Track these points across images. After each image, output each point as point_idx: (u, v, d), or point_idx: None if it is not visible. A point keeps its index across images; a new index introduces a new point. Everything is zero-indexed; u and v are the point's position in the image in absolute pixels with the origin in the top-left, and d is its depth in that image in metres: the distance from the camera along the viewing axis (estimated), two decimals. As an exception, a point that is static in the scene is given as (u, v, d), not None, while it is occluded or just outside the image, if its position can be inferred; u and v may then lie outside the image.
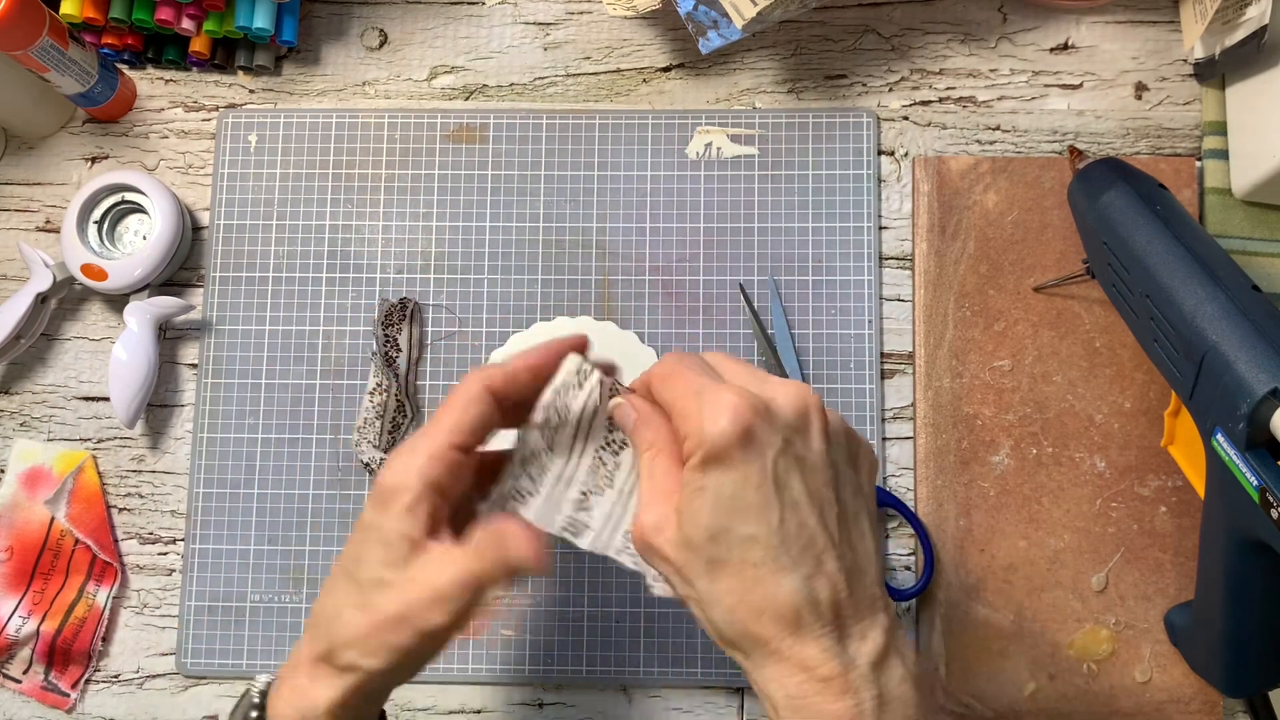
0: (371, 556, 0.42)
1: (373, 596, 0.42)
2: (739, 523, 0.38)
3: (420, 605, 0.41)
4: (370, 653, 0.42)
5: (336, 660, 0.43)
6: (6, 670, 0.62)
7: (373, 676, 0.43)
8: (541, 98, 0.67)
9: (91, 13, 0.64)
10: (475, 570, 0.42)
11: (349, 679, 0.43)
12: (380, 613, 0.42)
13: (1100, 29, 0.66)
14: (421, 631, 0.41)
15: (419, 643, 0.42)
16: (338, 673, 0.43)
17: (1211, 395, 0.48)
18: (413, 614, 0.41)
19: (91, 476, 0.63)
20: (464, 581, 0.42)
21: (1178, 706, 0.59)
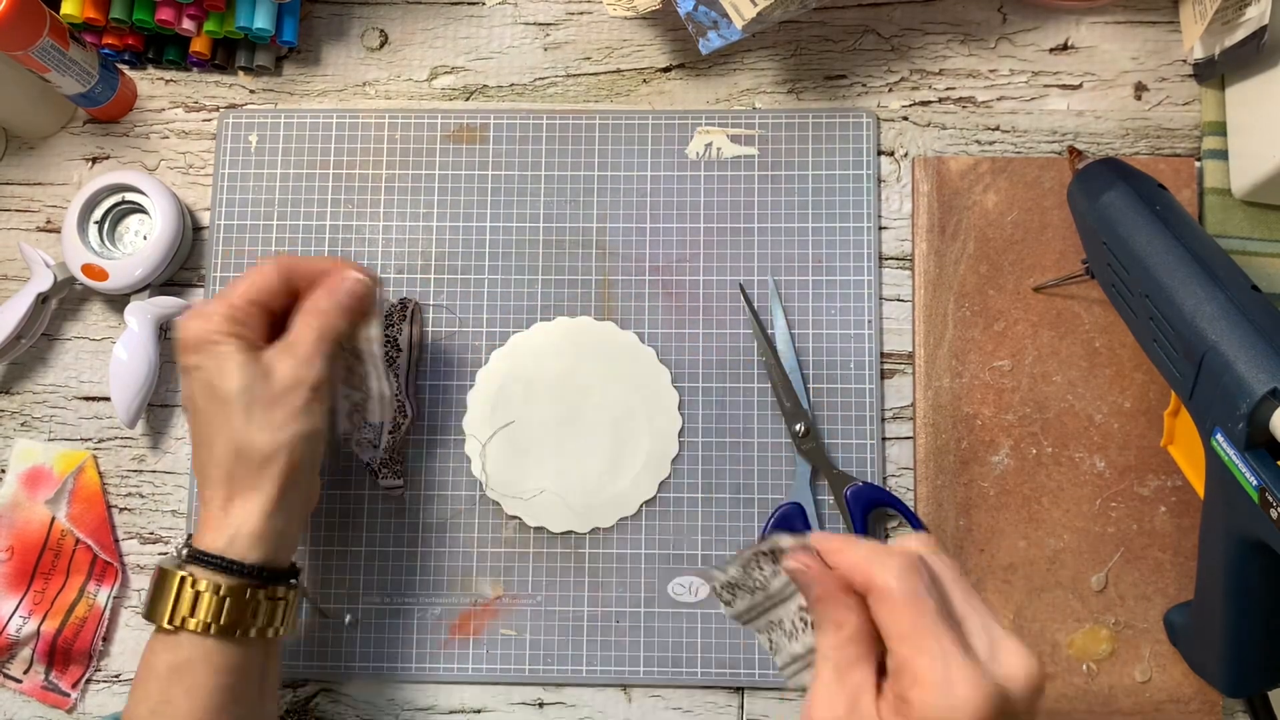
0: (227, 368, 0.49)
1: (252, 393, 0.49)
2: None
3: (299, 365, 0.50)
4: (283, 424, 0.49)
5: (254, 455, 0.49)
6: (7, 670, 0.62)
7: (294, 449, 0.49)
8: (542, 98, 0.67)
9: (92, 13, 0.64)
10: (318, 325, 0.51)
11: (276, 465, 0.49)
12: (269, 394, 0.49)
13: (1100, 29, 0.66)
14: (312, 385, 0.50)
15: (312, 400, 0.50)
16: (262, 466, 0.49)
17: (1211, 395, 0.48)
18: (299, 375, 0.50)
19: (92, 476, 0.63)
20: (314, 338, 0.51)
21: (1177, 706, 0.59)
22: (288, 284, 0.52)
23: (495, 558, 0.62)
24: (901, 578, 0.37)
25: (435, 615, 0.61)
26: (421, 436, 0.63)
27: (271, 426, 0.49)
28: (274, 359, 0.50)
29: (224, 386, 0.49)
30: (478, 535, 0.62)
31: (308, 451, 0.50)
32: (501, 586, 0.62)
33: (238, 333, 0.50)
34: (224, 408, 0.49)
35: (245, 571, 0.48)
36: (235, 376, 0.49)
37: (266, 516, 0.49)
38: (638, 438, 0.62)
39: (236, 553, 0.49)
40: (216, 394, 0.49)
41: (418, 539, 0.62)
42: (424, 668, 0.61)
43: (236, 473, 0.49)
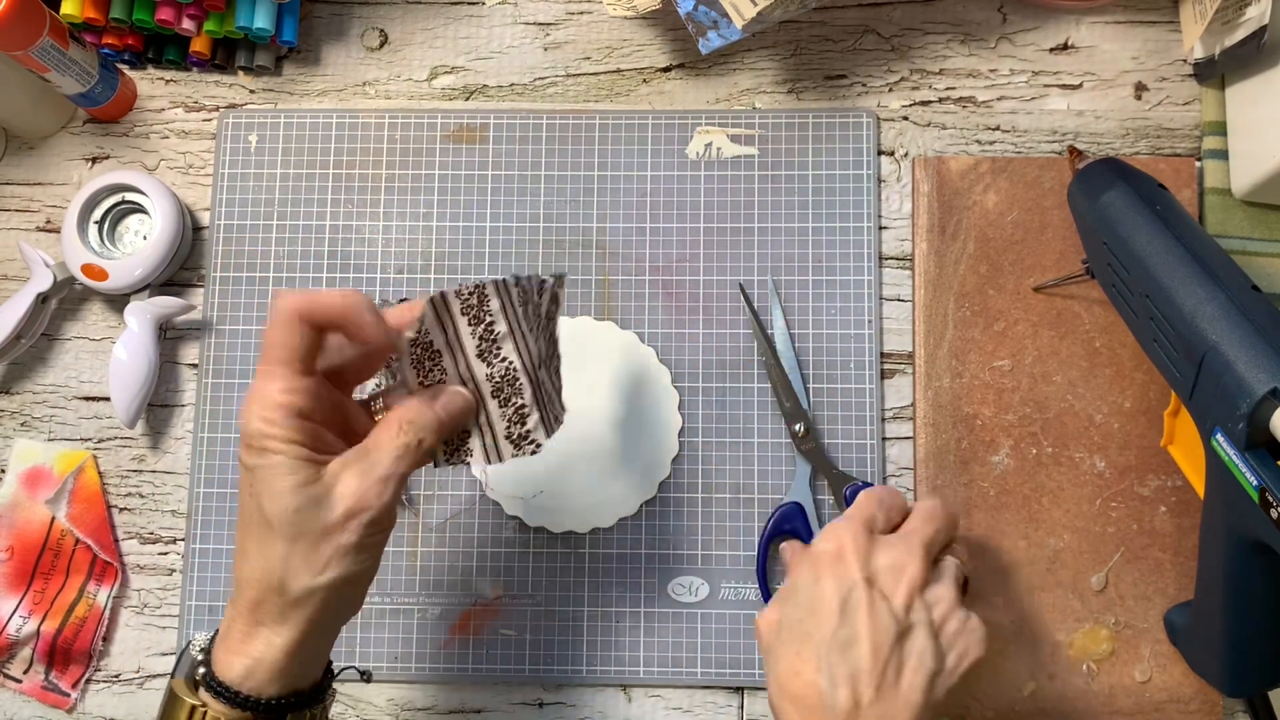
0: (280, 489, 0.42)
1: (300, 521, 0.42)
2: (806, 618, 0.47)
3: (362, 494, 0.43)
4: (323, 568, 0.43)
5: (289, 593, 0.43)
6: (7, 670, 0.62)
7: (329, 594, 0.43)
8: (541, 98, 0.67)
9: (92, 13, 0.64)
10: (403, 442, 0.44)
11: (308, 607, 0.43)
12: (319, 526, 0.43)
13: (1100, 29, 0.66)
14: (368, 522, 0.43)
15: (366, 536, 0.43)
16: (293, 606, 0.43)
17: (1211, 395, 0.48)
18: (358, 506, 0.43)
19: (92, 476, 0.63)
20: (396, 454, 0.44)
21: (1177, 706, 0.59)
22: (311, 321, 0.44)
23: (495, 558, 0.62)
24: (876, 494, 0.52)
25: (435, 615, 0.61)
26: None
27: (312, 568, 0.43)
28: (338, 476, 0.43)
29: (270, 509, 0.42)
30: (478, 535, 0.62)
31: (347, 593, 0.45)
32: (501, 586, 0.62)
33: (299, 434, 0.43)
34: (267, 531, 0.43)
35: (262, 708, 0.44)
36: (285, 499, 0.42)
37: (290, 654, 0.44)
38: (638, 437, 0.62)
39: (253, 686, 0.43)
40: (262, 512, 0.43)
41: (418, 539, 0.62)
42: (424, 668, 0.61)
43: (266, 602, 0.43)
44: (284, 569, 0.43)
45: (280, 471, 0.42)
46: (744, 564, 0.61)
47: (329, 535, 0.43)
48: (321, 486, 0.43)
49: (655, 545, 0.62)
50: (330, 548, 0.43)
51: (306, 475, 0.43)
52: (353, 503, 0.43)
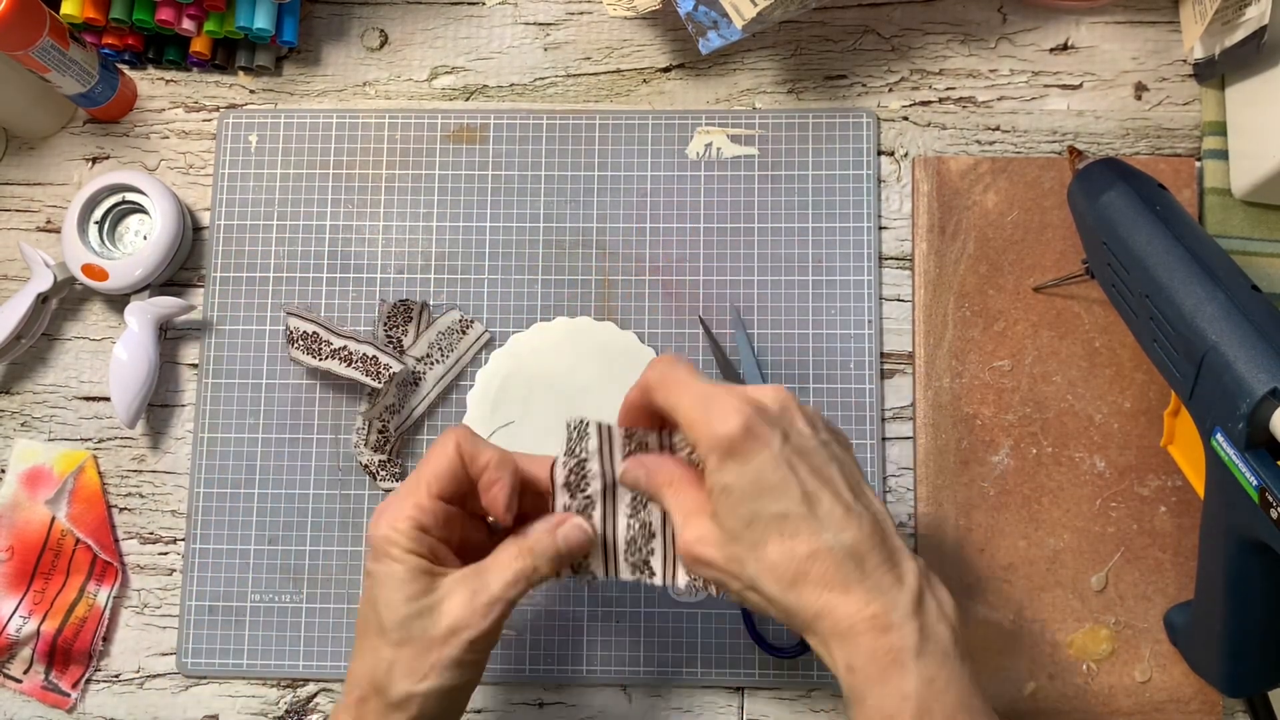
0: (393, 597, 0.45)
1: (409, 629, 0.45)
2: (767, 503, 0.42)
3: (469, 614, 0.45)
4: (423, 677, 0.45)
5: (389, 697, 0.45)
6: (7, 670, 0.62)
7: (427, 702, 0.45)
8: (541, 98, 0.67)
9: (92, 13, 0.64)
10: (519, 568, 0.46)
11: (406, 712, 0.45)
12: (424, 637, 0.45)
13: (1100, 29, 0.66)
14: (470, 640, 0.45)
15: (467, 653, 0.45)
16: (393, 709, 0.45)
17: (1211, 395, 0.48)
18: (462, 624, 0.45)
19: (92, 476, 0.63)
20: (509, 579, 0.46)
21: (1177, 706, 0.59)
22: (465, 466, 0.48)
23: (495, 558, 0.62)
24: (653, 366, 0.46)
25: (435, 615, 0.61)
26: (421, 437, 0.63)
27: (414, 675, 0.45)
28: (451, 590, 0.46)
29: (384, 614, 0.45)
30: (478, 535, 0.62)
31: (448, 703, 0.46)
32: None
33: (419, 547, 0.46)
34: (378, 633, 0.46)
35: None
36: (398, 608, 0.45)
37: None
38: None
39: None
40: (377, 614, 0.46)
41: (418, 539, 0.62)
42: (424, 668, 0.61)
43: (370, 701, 0.46)
44: (388, 672, 0.45)
45: (397, 580, 0.45)
46: (744, 564, 0.61)
47: (432, 647, 0.45)
48: (433, 599, 0.45)
49: (655, 545, 0.61)
50: (432, 659, 0.45)
51: (421, 586, 0.45)
52: (458, 620, 0.45)
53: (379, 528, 0.46)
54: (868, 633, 0.41)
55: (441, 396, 0.63)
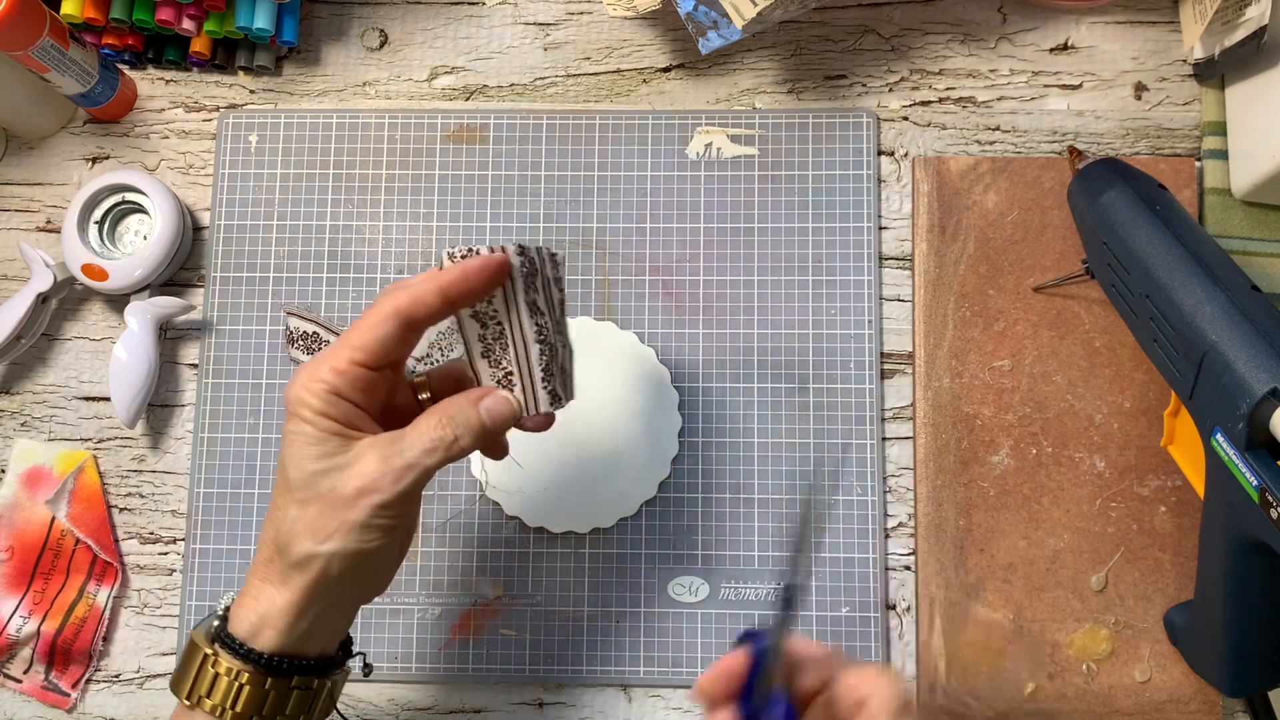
0: (302, 454, 0.44)
1: (315, 486, 0.43)
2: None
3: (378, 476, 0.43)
4: (326, 537, 0.43)
5: (290, 555, 0.44)
6: (7, 670, 0.62)
7: (330, 564, 0.44)
8: (541, 98, 0.67)
9: (92, 13, 0.64)
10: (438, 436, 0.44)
11: (307, 573, 0.44)
12: (330, 495, 0.43)
13: (1100, 29, 0.66)
14: (378, 504, 0.43)
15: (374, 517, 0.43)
16: (294, 569, 0.44)
17: (1211, 395, 0.48)
18: (370, 486, 0.43)
19: (92, 476, 0.63)
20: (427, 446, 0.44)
21: (1177, 706, 0.59)
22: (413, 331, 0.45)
23: (495, 558, 0.62)
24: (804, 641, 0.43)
25: (435, 615, 0.61)
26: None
27: (313, 534, 0.43)
28: (363, 452, 0.44)
29: (291, 471, 0.44)
30: (478, 535, 0.62)
31: (350, 570, 0.44)
32: (501, 586, 0.62)
33: (331, 410, 0.44)
34: (285, 493, 0.44)
35: (265, 663, 0.44)
36: (304, 463, 0.44)
37: (292, 615, 0.44)
38: (637, 438, 0.62)
39: (260, 642, 0.44)
40: (284, 472, 0.44)
41: (418, 539, 0.62)
42: (424, 668, 0.61)
43: (273, 561, 0.45)
44: (290, 531, 0.44)
45: (306, 439, 0.44)
46: (744, 564, 0.61)
47: (336, 507, 0.43)
48: (342, 459, 0.44)
49: (655, 545, 0.62)
50: (335, 519, 0.43)
51: (332, 447, 0.44)
52: (366, 481, 0.43)
53: (292, 388, 0.44)
54: None
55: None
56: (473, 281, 0.44)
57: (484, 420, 0.45)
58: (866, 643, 0.60)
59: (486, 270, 0.44)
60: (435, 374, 0.49)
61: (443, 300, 0.44)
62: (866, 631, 0.60)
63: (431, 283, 0.44)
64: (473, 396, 0.46)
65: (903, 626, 0.61)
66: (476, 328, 0.46)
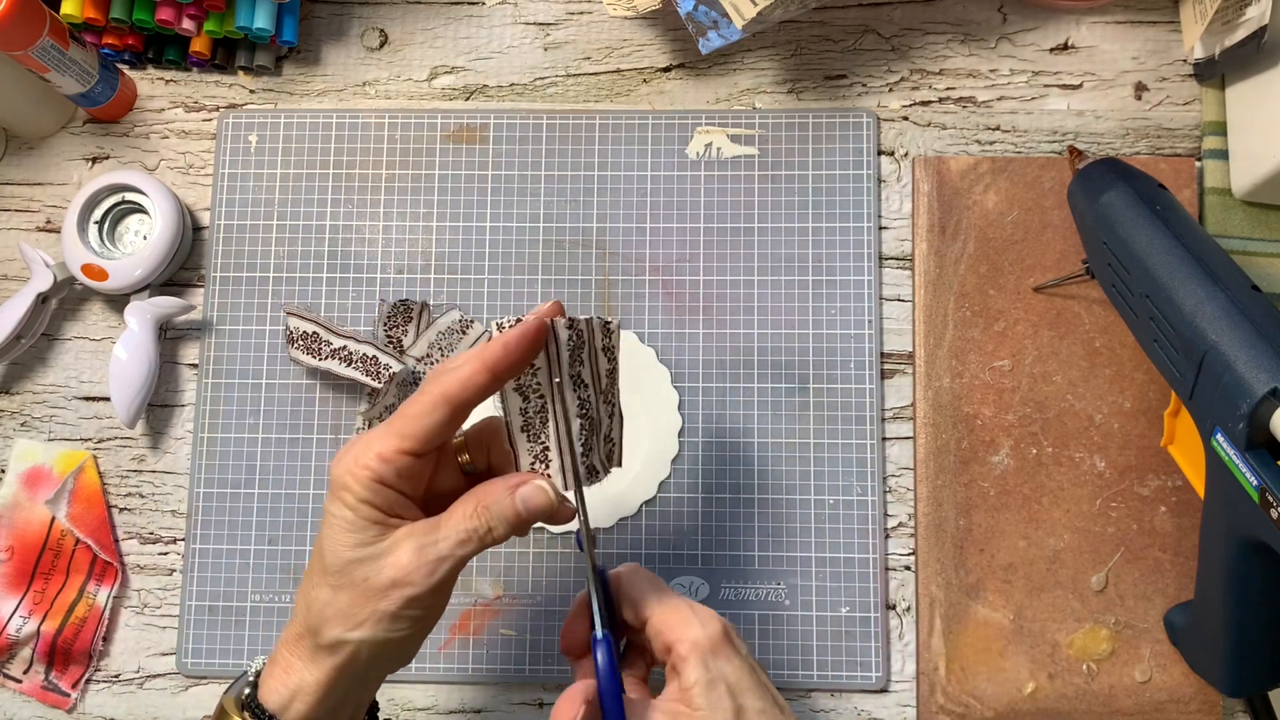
0: (340, 541, 0.44)
1: (350, 574, 0.44)
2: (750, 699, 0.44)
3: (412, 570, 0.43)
4: (356, 625, 0.44)
5: (321, 638, 0.44)
6: (7, 670, 0.62)
7: (359, 651, 0.44)
8: (541, 98, 0.67)
9: (92, 13, 0.64)
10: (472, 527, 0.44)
11: (336, 656, 0.44)
12: (363, 585, 0.43)
13: (1100, 29, 0.66)
14: (410, 597, 0.43)
15: (405, 609, 0.44)
16: (323, 650, 0.44)
17: (1211, 395, 0.48)
18: (403, 579, 0.43)
19: (92, 476, 0.63)
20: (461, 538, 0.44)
21: (1177, 706, 0.59)
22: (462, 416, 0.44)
23: (495, 558, 0.62)
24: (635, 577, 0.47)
25: (435, 615, 0.61)
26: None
27: (346, 621, 0.44)
28: (399, 542, 0.44)
29: (328, 555, 0.44)
30: (478, 535, 0.62)
31: (377, 657, 0.45)
32: (501, 586, 0.62)
33: (373, 498, 0.43)
34: (320, 573, 0.45)
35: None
36: (342, 552, 0.44)
37: (322, 693, 0.45)
38: (637, 438, 0.62)
39: (290, 715, 0.45)
40: (320, 554, 0.45)
41: (418, 539, 0.62)
42: (424, 668, 0.61)
43: (304, 639, 0.45)
44: (321, 614, 0.44)
45: (345, 524, 0.44)
46: (744, 564, 0.61)
47: (369, 597, 0.43)
48: (379, 548, 0.44)
49: (655, 545, 0.61)
50: (367, 609, 0.44)
51: (370, 535, 0.44)
52: (400, 574, 0.43)
53: (338, 468, 0.44)
54: None
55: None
56: (514, 353, 0.44)
57: (520, 510, 0.45)
58: (866, 642, 0.60)
59: (525, 339, 0.44)
60: (472, 437, 0.49)
61: (490, 376, 0.44)
62: (866, 631, 0.60)
63: (477, 362, 0.44)
64: (510, 483, 0.45)
65: (903, 626, 0.61)
66: (519, 401, 0.45)
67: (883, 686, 0.60)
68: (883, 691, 0.60)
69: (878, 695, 0.60)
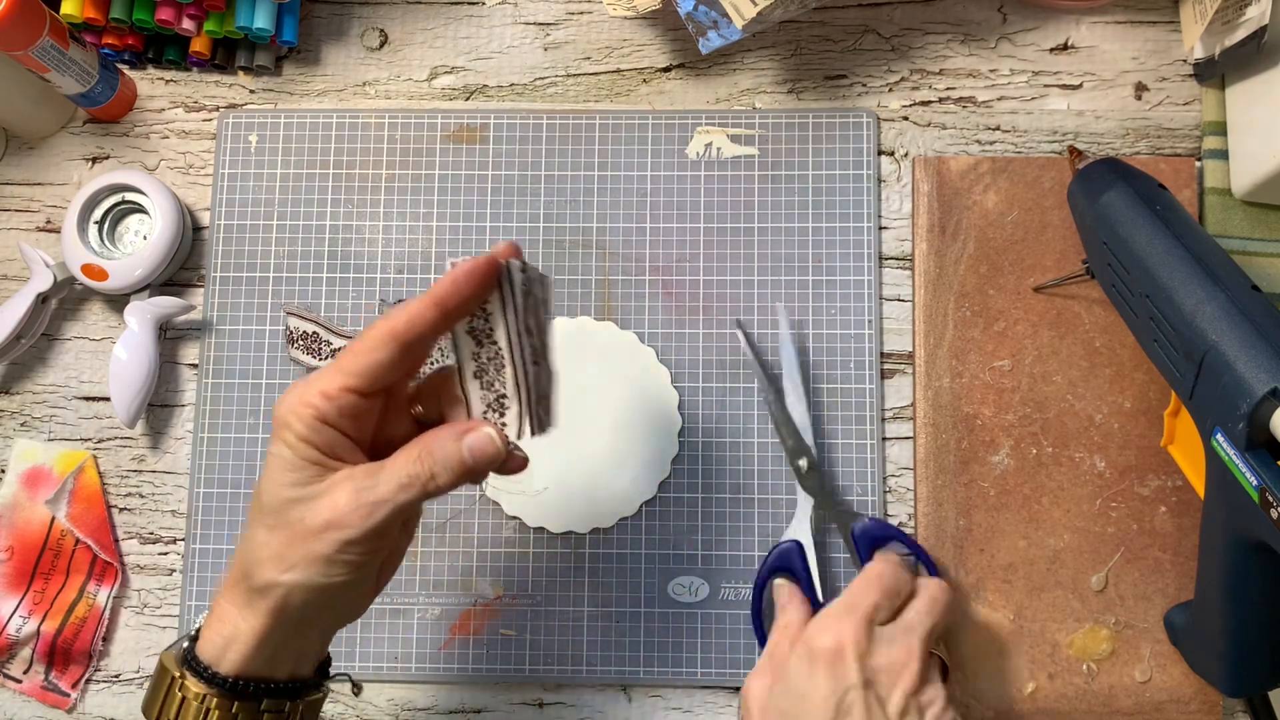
0: (277, 480, 0.43)
1: (285, 514, 0.42)
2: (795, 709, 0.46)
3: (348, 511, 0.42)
4: (289, 567, 0.42)
5: (253, 580, 0.43)
6: (7, 670, 0.62)
7: (291, 594, 0.43)
8: (541, 98, 0.67)
9: (92, 13, 0.64)
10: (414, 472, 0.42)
11: (268, 599, 0.43)
12: (298, 525, 0.42)
13: (1100, 29, 0.66)
14: (345, 540, 0.42)
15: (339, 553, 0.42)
16: (256, 594, 0.43)
17: (1211, 395, 0.48)
18: (338, 520, 0.42)
19: (92, 476, 0.63)
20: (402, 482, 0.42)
21: (1177, 706, 0.59)
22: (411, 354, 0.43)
23: (495, 558, 0.62)
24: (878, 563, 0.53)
25: (435, 615, 0.61)
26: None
27: (278, 562, 0.42)
28: (337, 484, 0.42)
29: (265, 496, 0.43)
30: (478, 535, 0.62)
31: (312, 600, 0.43)
32: (501, 586, 0.62)
33: (313, 436, 0.42)
34: (257, 514, 0.44)
35: (229, 687, 0.44)
36: (277, 489, 0.43)
37: (257, 641, 0.44)
38: (637, 438, 0.62)
39: (225, 665, 0.44)
40: (258, 495, 0.44)
41: (418, 539, 0.62)
42: (424, 668, 0.61)
43: (238, 585, 0.44)
44: (255, 556, 0.43)
45: (284, 464, 0.42)
46: (744, 564, 0.61)
47: (303, 538, 0.42)
48: (315, 489, 0.42)
49: (655, 545, 0.62)
50: (300, 550, 0.42)
51: (307, 475, 0.42)
52: (335, 515, 0.42)
53: (280, 407, 0.43)
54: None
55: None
56: (463, 288, 0.42)
57: (465, 459, 0.43)
58: (866, 643, 0.60)
59: (474, 274, 0.42)
60: (426, 387, 0.47)
61: (439, 312, 0.42)
62: (866, 631, 0.60)
63: (425, 297, 0.42)
64: (457, 430, 0.44)
65: (903, 626, 0.61)
66: (471, 345, 0.44)
67: (883, 686, 0.60)
68: (883, 691, 0.60)
69: (878, 695, 0.60)
